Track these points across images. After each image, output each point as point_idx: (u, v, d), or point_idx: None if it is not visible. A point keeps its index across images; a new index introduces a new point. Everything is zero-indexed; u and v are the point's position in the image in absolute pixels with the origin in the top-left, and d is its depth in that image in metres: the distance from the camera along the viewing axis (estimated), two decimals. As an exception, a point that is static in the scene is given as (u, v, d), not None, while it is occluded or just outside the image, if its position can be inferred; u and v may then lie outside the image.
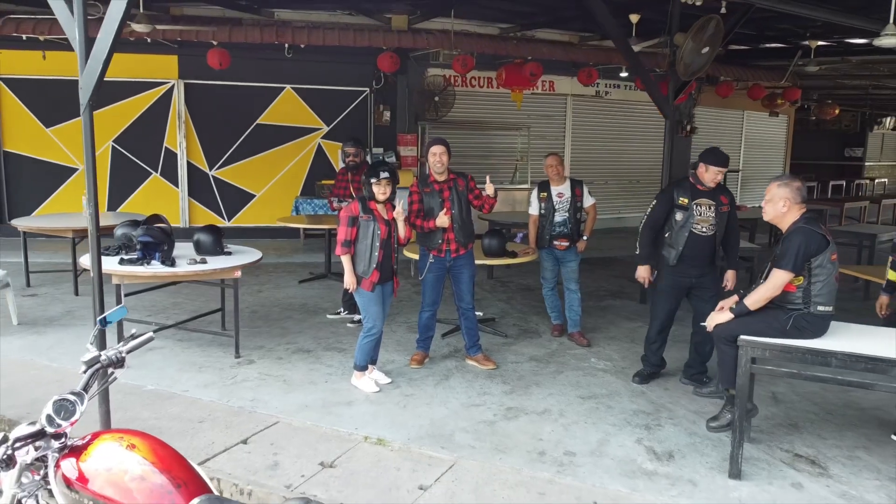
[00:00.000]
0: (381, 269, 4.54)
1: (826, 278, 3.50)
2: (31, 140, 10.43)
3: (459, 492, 3.41)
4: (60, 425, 2.35)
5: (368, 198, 4.57)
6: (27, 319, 6.31)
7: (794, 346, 3.41)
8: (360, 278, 4.58)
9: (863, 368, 3.28)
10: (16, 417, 4.24)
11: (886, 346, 3.34)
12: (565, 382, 4.99)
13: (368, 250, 4.51)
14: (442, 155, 5.06)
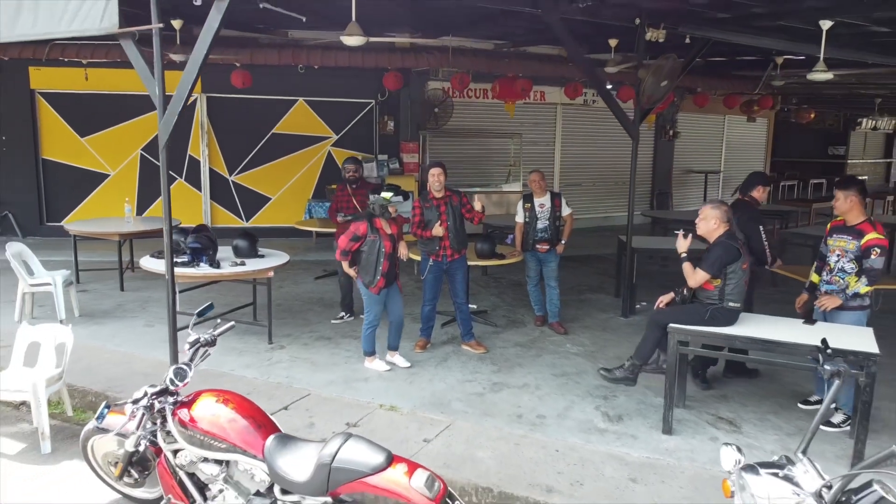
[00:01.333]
0: (386, 277, 5.54)
1: (737, 281, 4.54)
2: (67, 148, 11.46)
3: (454, 443, 4.47)
4: (178, 385, 3.41)
5: (377, 214, 5.53)
6: (85, 312, 7.36)
7: (708, 332, 4.47)
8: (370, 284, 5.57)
9: (759, 348, 4.33)
10: (101, 390, 5.31)
11: (780, 332, 4.39)
12: (543, 364, 6.05)
13: (374, 264, 5.48)
14: (439, 175, 6.07)
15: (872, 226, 4.60)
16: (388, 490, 3.03)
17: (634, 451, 4.41)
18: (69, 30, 4.78)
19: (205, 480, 3.50)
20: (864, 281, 4.59)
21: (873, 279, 4.55)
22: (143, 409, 3.35)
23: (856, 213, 4.72)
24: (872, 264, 4.53)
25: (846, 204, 4.71)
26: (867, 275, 4.57)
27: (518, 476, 4.08)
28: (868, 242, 4.55)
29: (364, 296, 5.71)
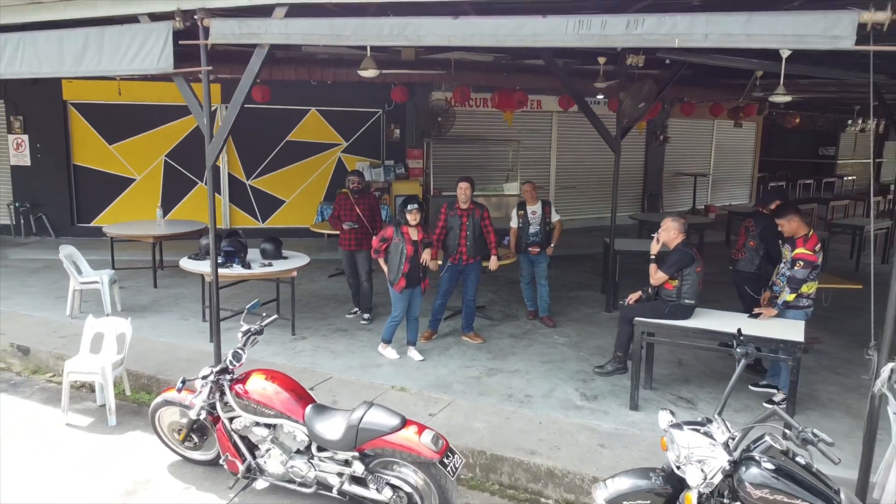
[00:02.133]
0: (408, 277, 6.34)
1: (692, 282, 5.41)
2: (96, 155, 12.34)
3: (455, 417, 5.35)
4: (235, 365, 4.30)
5: (402, 223, 6.37)
6: (126, 307, 8.23)
7: (667, 324, 5.34)
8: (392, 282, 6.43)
9: (708, 338, 5.21)
10: (152, 374, 6.20)
11: (724, 324, 5.26)
12: (533, 352, 6.93)
13: (397, 264, 6.34)
14: (466, 189, 6.94)
15: (804, 241, 5.46)
16: (402, 445, 3.92)
17: (605, 424, 5.29)
18: (129, 68, 5.65)
19: (255, 441, 4.40)
20: (787, 291, 5.46)
21: (793, 288, 5.42)
22: (210, 383, 4.24)
23: (798, 230, 5.58)
24: (794, 274, 5.41)
25: (790, 226, 5.58)
26: (789, 283, 5.44)
27: (507, 442, 4.96)
28: (795, 255, 5.43)
29: (390, 293, 6.54)
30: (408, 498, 4.03)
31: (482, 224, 7.01)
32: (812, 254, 5.45)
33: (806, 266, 5.42)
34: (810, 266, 5.46)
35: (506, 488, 4.75)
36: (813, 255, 5.45)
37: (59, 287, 9.08)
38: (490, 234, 7.09)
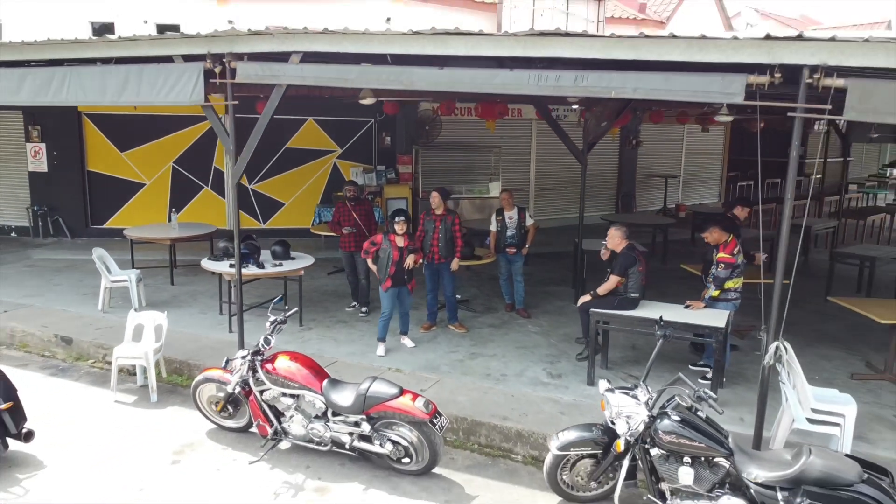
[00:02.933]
0: (394, 279, 7.32)
1: (636, 279, 6.54)
2: (109, 161, 13.29)
3: (442, 392, 6.44)
4: (266, 348, 5.37)
5: (389, 231, 7.42)
6: (148, 302, 9.24)
7: (616, 314, 6.47)
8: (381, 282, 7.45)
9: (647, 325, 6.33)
10: (183, 360, 7.25)
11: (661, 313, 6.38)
12: (509, 340, 8.04)
13: (385, 267, 7.34)
14: (436, 198, 8.02)
15: (724, 246, 6.60)
16: (400, 408, 5.02)
17: (566, 396, 6.41)
18: (165, 100, 6.68)
19: (281, 409, 5.48)
20: (711, 288, 6.60)
21: (717, 286, 6.57)
22: (246, 362, 5.32)
23: (720, 239, 6.71)
24: (717, 274, 6.56)
25: (713, 237, 6.73)
26: (714, 281, 6.58)
27: (484, 411, 6.07)
28: (718, 259, 6.57)
29: (380, 293, 7.57)
30: (405, 451, 5.13)
31: (452, 229, 8.05)
32: (731, 257, 6.58)
33: (727, 267, 6.56)
34: (731, 267, 6.60)
35: (483, 447, 5.86)
36: (732, 257, 6.58)
37: (84, 285, 10.09)
38: (458, 238, 8.09)
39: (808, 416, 5.08)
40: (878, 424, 5.97)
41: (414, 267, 7.47)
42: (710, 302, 6.69)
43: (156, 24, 12.86)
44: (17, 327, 8.26)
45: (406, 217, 7.37)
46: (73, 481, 5.17)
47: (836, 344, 8.00)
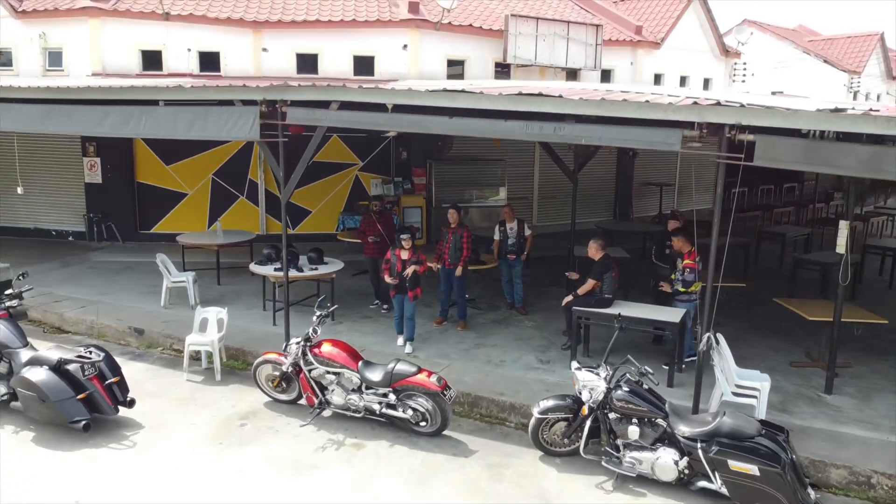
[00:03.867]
0: (397, 288, 8.68)
1: (609, 283, 8.01)
2: (155, 174, 14.90)
3: (451, 374, 7.92)
4: (315, 336, 6.92)
5: (397, 247, 8.82)
6: (200, 300, 10.78)
7: (592, 311, 7.94)
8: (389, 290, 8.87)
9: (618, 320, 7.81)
10: (238, 347, 8.79)
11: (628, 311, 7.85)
12: (508, 333, 9.53)
13: (392, 277, 8.76)
14: (452, 214, 9.51)
15: (688, 255, 8.05)
16: (419, 382, 6.54)
17: (552, 378, 7.90)
18: (227, 136, 8.23)
19: (325, 384, 7.00)
20: (680, 284, 8.05)
21: (686, 285, 8.01)
22: (300, 346, 6.85)
23: (683, 248, 8.16)
24: (685, 277, 8.00)
25: (678, 244, 8.18)
26: (682, 284, 8.01)
27: (485, 389, 7.57)
28: (684, 265, 8.02)
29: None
30: (422, 416, 6.64)
31: (461, 240, 9.51)
32: (694, 263, 8.03)
33: (691, 272, 8.01)
34: (694, 272, 8.05)
35: (483, 416, 7.36)
36: (694, 264, 8.03)
37: (143, 284, 11.68)
38: (465, 249, 9.53)
39: (733, 391, 6.54)
40: (801, 400, 7.42)
41: (419, 275, 8.71)
42: (675, 301, 8.15)
43: (198, 52, 14.44)
44: (96, 320, 9.85)
45: (411, 235, 8.72)
46: (166, 438, 6.73)
47: (786, 338, 9.42)
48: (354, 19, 14.53)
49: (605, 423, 6.12)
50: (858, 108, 5.40)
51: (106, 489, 5.82)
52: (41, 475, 6.01)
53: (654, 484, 5.94)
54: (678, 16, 18.93)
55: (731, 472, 5.48)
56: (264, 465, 6.26)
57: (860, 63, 27.18)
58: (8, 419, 6.91)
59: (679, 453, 5.78)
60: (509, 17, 15.33)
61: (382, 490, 5.91)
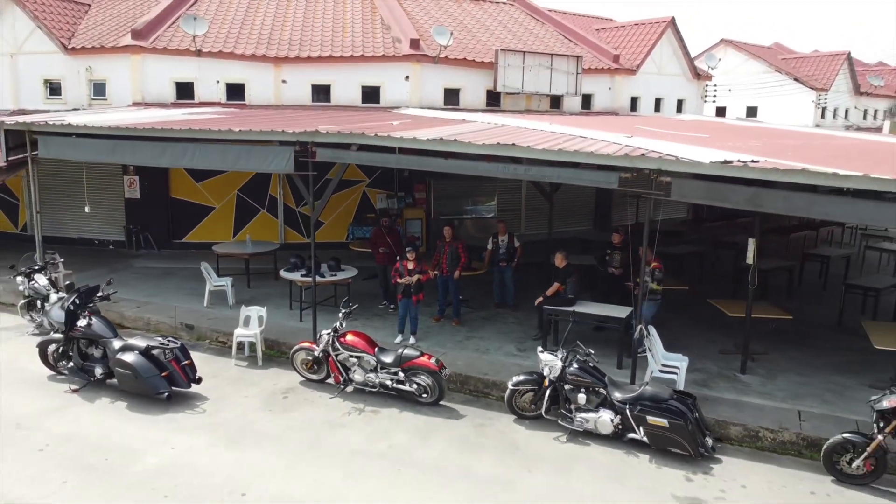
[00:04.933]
0: (403, 293, 10.78)
1: (572, 286, 10.05)
2: (187, 190, 16.91)
3: (446, 359, 9.88)
4: (341, 328, 8.99)
5: (404, 258, 10.85)
6: (236, 301, 12.80)
7: (559, 309, 9.99)
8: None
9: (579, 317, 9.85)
10: (275, 339, 10.81)
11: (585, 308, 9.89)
12: (494, 328, 11.57)
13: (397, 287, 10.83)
14: (447, 230, 11.54)
15: (655, 260, 10.04)
16: (421, 363, 8.61)
17: (526, 362, 9.92)
18: (266, 170, 10.29)
19: (349, 366, 9.05)
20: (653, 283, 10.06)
21: (659, 283, 9.99)
22: (330, 336, 8.90)
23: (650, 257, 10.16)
24: (656, 276, 9.98)
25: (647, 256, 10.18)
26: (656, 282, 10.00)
27: (473, 370, 9.60)
28: (653, 267, 9.99)
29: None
30: (424, 389, 8.67)
31: (457, 251, 11.53)
32: (659, 265, 10.01)
33: (660, 274, 9.98)
34: (661, 271, 10.04)
35: (471, 391, 9.40)
36: (660, 265, 10.02)
37: (184, 287, 13.67)
38: (462, 257, 11.54)
39: (660, 369, 8.59)
40: (720, 379, 9.46)
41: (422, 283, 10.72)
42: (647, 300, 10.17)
43: (225, 83, 16.48)
44: (152, 318, 11.87)
45: (414, 248, 10.76)
46: (227, 406, 8.76)
47: (722, 332, 11.43)
48: (363, 55, 16.59)
49: (561, 393, 8.15)
50: (741, 160, 7.43)
51: (188, 441, 7.84)
52: (137, 432, 8.03)
53: (596, 436, 7.98)
54: (652, 44, 20.98)
55: (649, 425, 7.52)
56: (305, 425, 8.30)
57: (828, 81, 29.28)
58: (104, 392, 8.95)
59: (614, 413, 7.82)
60: (499, 52, 17.39)
61: (395, 442, 7.95)
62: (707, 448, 7.57)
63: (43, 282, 11.38)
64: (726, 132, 13.15)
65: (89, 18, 17.93)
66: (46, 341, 9.45)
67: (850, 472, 7.09)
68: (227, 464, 7.34)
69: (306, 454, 7.61)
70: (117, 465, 7.23)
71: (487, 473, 7.30)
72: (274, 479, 7.05)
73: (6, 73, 17.00)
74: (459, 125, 11.24)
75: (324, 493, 6.82)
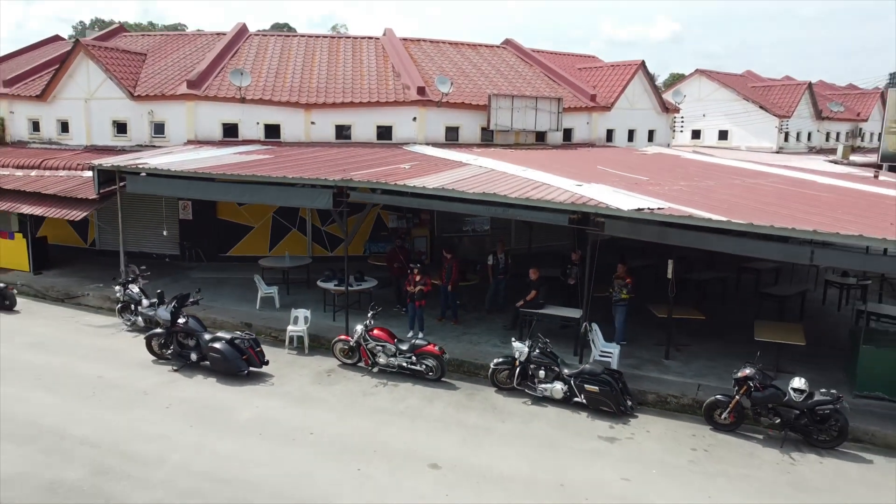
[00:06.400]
0: (411, 299, 14.19)
1: (542, 293, 13.38)
2: (231, 212, 20.28)
3: (447, 349, 13.28)
4: (370, 325, 12.39)
5: (411, 273, 14.22)
6: (282, 304, 16.14)
7: (531, 311, 13.33)
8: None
9: (548, 318, 13.19)
10: (315, 334, 14.18)
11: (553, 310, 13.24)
12: (484, 327, 14.92)
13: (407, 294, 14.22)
14: (447, 254, 14.89)
15: (627, 275, 13.35)
16: (428, 349, 12.03)
17: (505, 350, 13.20)
18: (310, 206, 13.67)
19: (375, 352, 12.43)
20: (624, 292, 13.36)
21: (629, 293, 13.30)
22: (362, 331, 12.27)
23: (622, 271, 13.51)
24: (627, 287, 13.28)
25: (620, 271, 13.52)
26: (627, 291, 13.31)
27: (468, 356, 12.95)
28: (626, 282, 13.30)
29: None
30: (431, 369, 12.03)
31: (452, 268, 14.87)
32: (630, 279, 13.32)
33: (630, 284, 13.30)
34: (629, 287, 13.37)
35: (465, 372, 12.73)
36: (630, 280, 13.34)
37: (236, 294, 17.02)
38: (454, 273, 14.84)
39: (599, 354, 11.94)
40: (649, 363, 12.79)
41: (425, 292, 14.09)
42: (616, 306, 13.48)
43: (264, 125, 19.87)
44: (217, 318, 15.22)
45: (421, 266, 14.14)
46: (287, 381, 12.10)
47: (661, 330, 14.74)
48: (377, 100, 19.99)
49: (527, 370, 11.47)
50: (650, 208, 10.75)
51: (266, 403, 11.16)
52: (228, 397, 11.37)
53: (551, 400, 11.29)
54: (625, 83, 24.34)
55: (587, 392, 10.85)
56: (345, 393, 11.63)
57: (790, 108, 32.61)
58: (198, 371, 12.31)
59: (564, 384, 11.14)
60: (491, 96, 20.77)
61: (410, 404, 11.28)
62: (627, 408, 10.89)
63: (136, 290, 14.76)
64: (667, 173, 16.42)
65: (147, 67, 21.35)
66: (151, 335, 12.83)
67: (721, 421, 10.41)
68: (296, 417, 10.68)
69: (348, 411, 10.96)
70: (222, 417, 10.59)
71: (474, 423, 10.63)
72: (329, 426, 10.38)
73: (82, 115, 20.45)
74: (457, 170, 14.58)
75: (363, 435, 10.14)
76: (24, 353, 13.19)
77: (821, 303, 17.76)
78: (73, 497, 8.23)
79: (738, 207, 11.51)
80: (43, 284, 17.95)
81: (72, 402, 11.01)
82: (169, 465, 9.04)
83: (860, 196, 14.31)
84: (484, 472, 9.10)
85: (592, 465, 9.37)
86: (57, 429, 10.00)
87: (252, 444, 9.74)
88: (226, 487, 8.55)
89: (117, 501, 8.17)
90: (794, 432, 10.06)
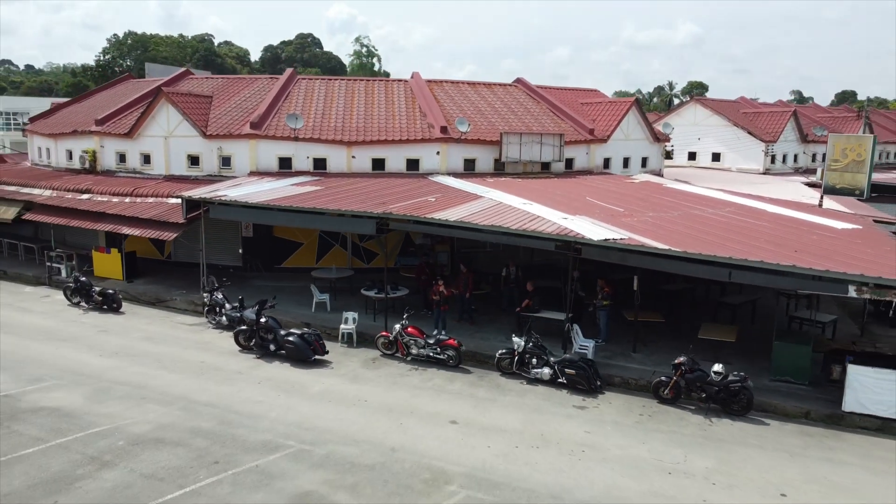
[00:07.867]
0: (436, 304, 18.04)
1: (537, 301, 17.18)
2: (285, 230, 24.30)
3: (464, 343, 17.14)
4: (406, 324, 16.37)
5: (436, 282, 18.09)
6: (332, 309, 20.10)
7: (531, 315, 17.15)
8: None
9: (543, 320, 17.00)
10: (361, 331, 18.14)
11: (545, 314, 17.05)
12: (494, 327, 18.77)
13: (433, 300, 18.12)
14: (463, 268, 18.79)
15: (608, 286, 17.12)
16: (449, 342, 15.97)
17: (509, 344, 17.06)
18: (359, 231, 17.65)
19: (409, 345, 16.36)
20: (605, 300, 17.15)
21: (609, 300, 17.08)
22: (399, 328, 16.21)
23: (605, 287, 17.29)
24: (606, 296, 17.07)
25: (601, 283, 17.31)
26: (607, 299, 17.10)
27: (480, 348, 16.81)
28: (605, 291, 17.08)
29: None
30: (451, 357, 15.92)
31: (468, 281, 18.74)
32: (609, 289, 17.09)
33: (606, 296, 17.08)
34: (608, 295, 17.15)
35: (478, 361, 16.56)
36: (609, 290, 17.10)
37: (292, 299, 21.01)
38: (469, 284, 18.73)
39: (579, 347, 15.73)
40: (619, 355, 16.54)
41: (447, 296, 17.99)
42: (598, 311, 17.25)
43: (313, 158, 23.91)
44: (281, 318, 19.19)
45: (443, 277, 18.04)
46: (342, 366, 16.04)
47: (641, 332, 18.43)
48: (407, 138, 23.96)
49: (523, 358, 15.28)
50: (614, 239, 14.50)
51: (329, 381, 15.09)
52: (300, 376, 15.32)
53: (541, 381, 15.09)
54: (620, 118, 28.07)
55: (567, 374, 14.65)
56: (387, 375, 15.54)
57: (776, 133, 36.08)
58: (276, 359, 16.30)
59: (551, 369, 14.94)
60: (503, 133, 24.65)
61: (435, 383, 15.15)
62: (597, 387, 14.66)
63: (220, 296, 18.83)
64: (643, 202, 20.14)
65: (215, 108, 25.53)
66: (238, 331, 16.87)
67: (664, 396, 14.15)
68: (352, 390, 14.61)
69: (391, 387, 14.86)
70: (299, 390, 14.56)
71: (483, 396, 14.48)
72: (377, 396, 14.29)
73: (161, 150, 24.66)
74: (472, 203, 18.44)
75: (402, 402, 14.00)
76: (141, 344, 17.31)
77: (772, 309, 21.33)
78: (212, 437, 12.21)
79: (683, 237, 15.24)
80: (136, 291, 22.13)
81: (188, 378, 15.05)
82: (269, 419, 13.00)
83: (792, 225, 17.96)
84: (489, 427, 12.94)
85: (566, 424, 13.17)
86: (184, 396, 14.03)
87: (324, 407, 13.68)
88: (310, 432, 12.48)
89: (242, 438, 12.14)
90: (715, 404, 13.78)
